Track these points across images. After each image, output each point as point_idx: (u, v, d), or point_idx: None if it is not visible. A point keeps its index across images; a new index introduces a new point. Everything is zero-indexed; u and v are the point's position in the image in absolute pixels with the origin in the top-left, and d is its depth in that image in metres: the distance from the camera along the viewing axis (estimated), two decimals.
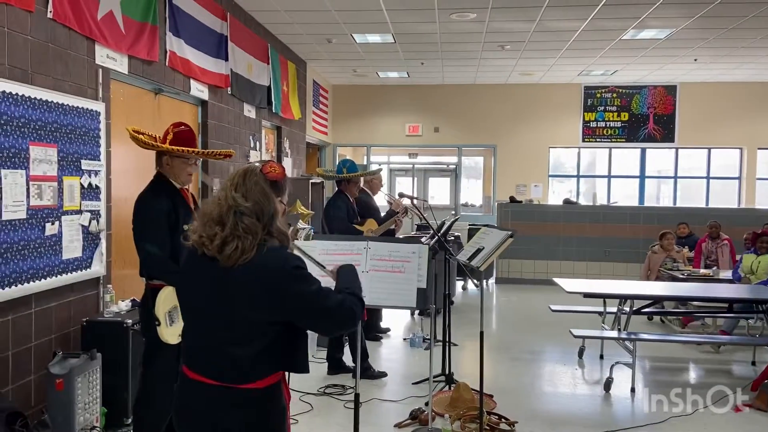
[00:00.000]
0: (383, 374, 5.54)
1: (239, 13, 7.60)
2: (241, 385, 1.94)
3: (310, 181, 8.35)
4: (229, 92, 7.23)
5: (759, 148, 13.18)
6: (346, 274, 2.27)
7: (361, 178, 6.20)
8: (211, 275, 1.96)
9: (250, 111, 8.03)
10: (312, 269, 2.12)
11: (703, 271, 7.38)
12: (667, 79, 12.83)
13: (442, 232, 5.37)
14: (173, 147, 3.40)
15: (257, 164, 2.20)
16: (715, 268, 7.48)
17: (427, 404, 4.43)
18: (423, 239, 6.31)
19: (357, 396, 2.86)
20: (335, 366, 5.56)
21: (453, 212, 14.83)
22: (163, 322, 3.12)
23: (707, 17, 7.96)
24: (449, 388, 4.98)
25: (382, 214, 6.40)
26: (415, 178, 16.31)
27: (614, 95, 13.42)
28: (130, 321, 4.13)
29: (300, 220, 5.51)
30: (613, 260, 10.82)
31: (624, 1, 7.34)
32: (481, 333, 3.95)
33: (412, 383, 5.32)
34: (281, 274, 1.93)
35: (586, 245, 10.95)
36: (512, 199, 11.72)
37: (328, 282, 2.15)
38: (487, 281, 10.72)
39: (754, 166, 13.23)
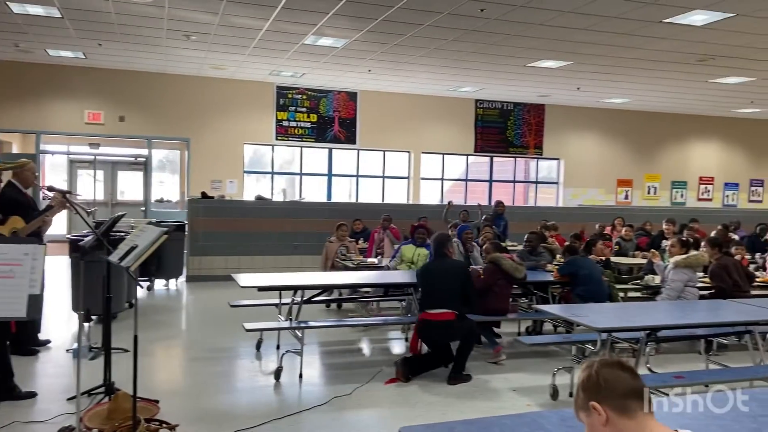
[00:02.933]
0: (32, 394, 4.85)
1: None
2: None
3: None
4: None
5: (423, 152, 15.30)
6: None
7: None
8: None
9: None
10: None
11: (370, 260, 8.23)
12: (349, 86, 14.01)
13: (103, 229, 4.91)
14: None
15: None
16: (379, 257, 8.40)
17: (82, 420, 4.01)
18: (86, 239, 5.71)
19: None
20: None
21: (143, 209, 13.93)
22: None
23: (374, 32, 8.88)
24: (109, 399, 4.58)
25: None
26: (101, 171, 14.85)
27: (304, 97, 14.14)
28: None
29: None
30: (302, 253, 11.34)
31: (300, 6, 7.72)
32: (135, 337, 3.70)
33: (67, 399, 4.77)
34: None
35: (277, 240, 11.27)
36: (204, 195, 11.45)
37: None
38: (177, 280, 10.27)
39: (419, 167, 15.33)
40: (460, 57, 10.39)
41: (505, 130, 15.80)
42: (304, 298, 5.99)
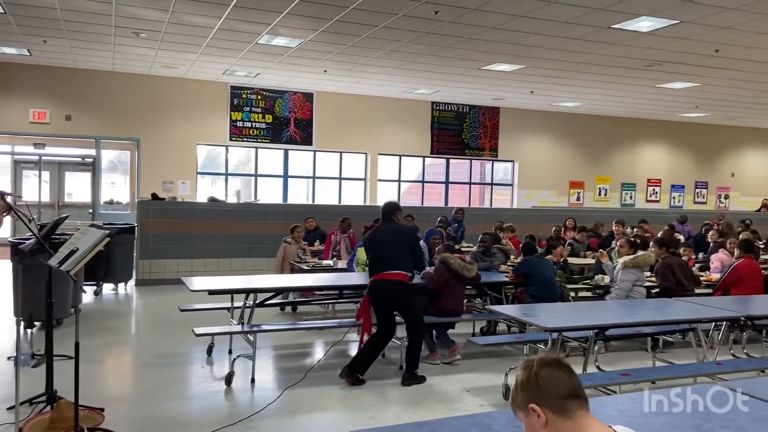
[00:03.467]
0: None
1: None
2: None
3: None
4: None
5: (380, 154, 15.31)
6: None
7: None
8: None
9: None
10: None
11: (325, 262, 8.16)
12: (305, 86, 13.91)
13: (44, 232, 4.72)
14: None
15: None
16: (335, 259, 8.35)
17: (21, 430, 3.85)
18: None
19: None
20: None
21: (90, 211, 13.52)
22: None
23: (329, 33, 8.82)
24: (51, 408, 4.41)
25: None
26: (46, 172, 14.33)
27: (259, 97, 13.97)
28: None
29: None
30: (256, 256, 11.16)
31: (253, 5, 7.61)
32: (77, 343, 3.58)
33: (7, 408, 4.57)
34: None
35: (231, 242, 11.06)
36: (154, 196, 11.16)
37: None
38: (126, 284, 9.98)
39: (376, 169, 15.33)
40: (416, 59, 10.44)
41: (461, 132, 15.96)
42: (257, 302, 5.89)
